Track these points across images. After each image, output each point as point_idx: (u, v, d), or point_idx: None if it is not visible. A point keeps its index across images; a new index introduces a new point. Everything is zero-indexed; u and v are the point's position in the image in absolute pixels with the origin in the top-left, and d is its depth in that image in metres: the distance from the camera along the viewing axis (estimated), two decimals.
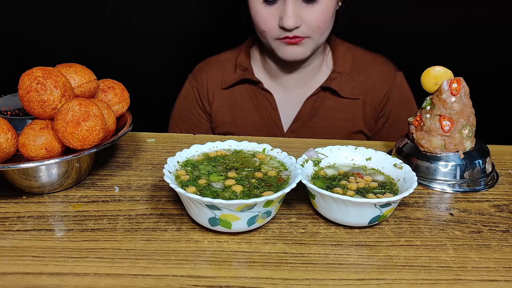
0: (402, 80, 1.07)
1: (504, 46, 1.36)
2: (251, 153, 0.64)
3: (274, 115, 1.06)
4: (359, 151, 0.64)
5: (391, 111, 1.06)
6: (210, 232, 0.54)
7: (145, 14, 1.37)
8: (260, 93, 1.06)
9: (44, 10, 1.35)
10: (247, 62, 1.07)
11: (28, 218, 0.56)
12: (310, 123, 1.05)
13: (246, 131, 1.07)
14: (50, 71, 0.57)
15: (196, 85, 1.10)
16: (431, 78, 0.67)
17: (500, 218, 0.59)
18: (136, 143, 0.78)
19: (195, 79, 1.11)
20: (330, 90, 1.04)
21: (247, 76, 1.06)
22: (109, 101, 0.66)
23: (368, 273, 0.48)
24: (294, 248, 0.52)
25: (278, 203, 0.53)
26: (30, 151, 0.56)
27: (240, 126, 1.07)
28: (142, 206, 0.59)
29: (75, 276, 0.46)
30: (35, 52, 1.37)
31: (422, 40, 1.36)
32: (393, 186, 0.59)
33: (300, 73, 1.06)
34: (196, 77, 1.10)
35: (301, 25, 0.93)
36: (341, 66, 1.05)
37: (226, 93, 1.08)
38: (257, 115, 1.07)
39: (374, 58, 1.08)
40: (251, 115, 1.07)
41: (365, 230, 0.56)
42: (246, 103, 1.07)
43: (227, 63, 1.09)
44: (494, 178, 0.70)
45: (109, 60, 1.35)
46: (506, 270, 0.49)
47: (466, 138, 0.67)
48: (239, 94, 1.07)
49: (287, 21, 0.91)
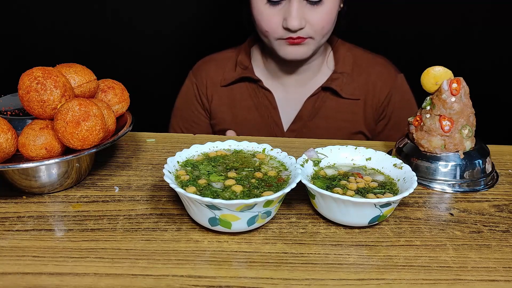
0: (403, 81, 1.07)
1: (504, 46, 1.36)
2: (251, 153, 0.64)
3: (274, 114, 1.06)
4: (359, 151, 0.64)
5: (392, 113, 1.06)
6: (210, 232, 0.54)
7: (145, 14, 1.37)
8: (260, 92, 1.06)
9: (44, 10, 1.35)
10: (248, 60, 1.07)
11: (28, 218, 0.56)
12: (310, 123, 1.05)
13: (245, 129, 1.07)
14: (50, 71, 0.57)
15: (195, 82, 1.10)
16: (431, 78, 0.67)
17: (500, 218, 0.59)
18: (136, 143, 0.78)
19: (195, 76, 1.11)
20: (331, 90, 1.04)
21: (247, 74, 1.06)
22: (109, 101, 0.66)
23: (368, 273, 0.48)
24: (294, 248, 0.52)
25: (278, 203, 0.53)
26: (30, 151, 0.56)
27: (240, 125, 1.07)
28: (142, 206, 0.59)
29: (75, 276, 0.46)
30: (35, 52, 1.37)
31: (422, 40, 1.36)
32: (393, 186, 0.59)
33: (300, 73, 1.06)
34: (196, 74, 1.11)
35: (305, 26, 0.93)
36: (342, 66, 1.05)
37: (225, 91, 1.08)
38: (257, 113, 1.07)
39: (375, 59, 1.08)
40: (251, 114, 1.07)
41: (365, 230, 0.56)
42: (246, 101, 1.07)
43: (228, 61, 1.09)
44: (494, 178, 0.70)
45: (109, 60, 1.35)
46: (506, 270, 0.49)
47: (466, 138, 0.67)
48: (239, 92, 1.07)
49: (292, 22, 0.91)
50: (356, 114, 1.05)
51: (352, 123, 1.05)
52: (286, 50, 0.97)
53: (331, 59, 1.08)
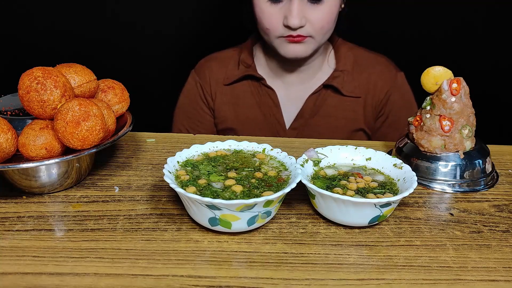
0: (403, 80, 1.07)
1: (504, 46, 1.36)
2: (251, 153, 0.64)
3: (276, 112, 1.07)
4: (359, 151, 0.64)
5: (391, 111, 1.06)
6: (210, 232, 0.54)
7: (145, 14, 1.37)
8: (263, 90, 1.07)
9: (44, 10, 1.35)
10: (250, 59, 1.07)
11: (28, 218, 0.56)
12: (312, 121, 1.05)
13: (248, 127, 1.07)
14: (50, 71, 0.57)
15: (199, 80, 1.10)
16: (431, 78, 0.67)
17: (500, 218, 0.59)
18: (136, 143, 0.78)
19: (198, 74, 1.11)
20: (332, 88, 1.05)
21: (250, 72, 1.06)
22: (109, 101, 0.66)
23: (368, 273, 0.48)
24: (294, 248, 0.52)
25: (278, 203, 0.53)
26: (30, 151, 0.56)
27: (242, 123, 1.07)
28: (142, 206, 0.59)
29: (75, 276, 0.46)
30: (35, 52, 1.37)
31: (423, 40, 1.36)
32: (393, 186, 0.59)
33: (301, 71, 1.06)
34: (199, 72, 1.11)
35: (305, 24, 0.94)
36: (343, 65, 1.05)
37: (228, 89, 1.08)
38: (259, 112, 1.07)
39: (375, 58, 1.08)
40: (254, 112, 1.07)
41: (365, 230, 0.56)
42: (249, 99, 1.07)
43: (230, 60, 1.09)
44: (494, 178, 0.70)
45: (109, 60, 1.35)
46: (506, 270, 0.49)
47: (466, 138, 0.67)
48: (242, 91, 1.08)
49: (292, 21, 0.92)
50: (357, 112, 1.05)
51: (353, 121, 1.06)
52: (286, 48, 0.97)
53: (332, 57, 1.08)
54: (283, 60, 1.04)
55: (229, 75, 1.08)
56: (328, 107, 1.05)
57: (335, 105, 1.05)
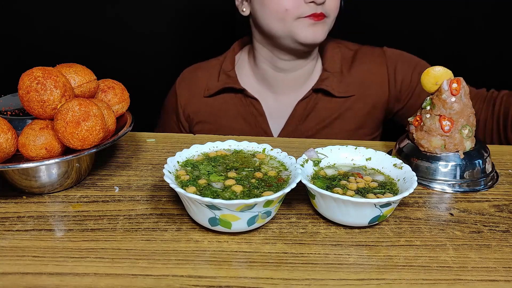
0: (392, 50, 1.06)
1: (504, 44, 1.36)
2: (251, 153, 0.64)
3: (262, 122, 1.04)
4: (359, 151, 0.64)
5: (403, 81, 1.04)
6: (210, 232, 0.54)
7: (145, 13, 1.37)
8: (247, 100, 1.05)
9: (44, 11, 1.35)
10: (231, 68, 1.05)
11: (28, 218, 0.56)
12: (301, 126, 1.03)
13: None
14: (50, 71, 0.57)
15: (179, 94, 1.09)
16: (431, 78, 0.67)
17: (500, 218, 0.59)
18: (136, 143, 0.78)
19: (179, 86, 1.09)
20: (323, 91, 1.02)
21: (229, 85, 1.04)
22: (109, 101, 0.67)
23: (368, 273, 0.48)
24: (294, 248, 0.52)
25: (278, 203, 0.53)
26: (30, 151, 0.56)
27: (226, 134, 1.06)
28: (142, 206, 0.59)
29: (75, 276, 0.46)
30: (35, 52, 1.37)
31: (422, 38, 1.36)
32: (393, 186, 0.59)
33: (295, 74, 1.04)
34: (180, 86, 1.09)
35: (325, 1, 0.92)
36: (330, 65, 1.03)
37: (209, 101, 1.06)
38: (243, 122, 1.05)
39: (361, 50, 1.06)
40: (238, 123, 1.05)
41: (365, 230, 0.56)
42: (231, 111, 1.05)
43: (212, 70, 1.08)
44: (494, 178, 0.70)
45: (109, 60, 1.35)
46: (506, 270, 0.49)
47: (466, 138, 0.67)
48: (224, 102, 1.06)
49: None
50: (355, 110, 1.03)
51: (352, 120, 1.03)
52: (307, 31, 0.93)
53: (319, 59, 1.07)
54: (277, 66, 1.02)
55: (210, 86, 1.06)
56: (319, 110, 1.03)
57: (328, 107, 1.02)
